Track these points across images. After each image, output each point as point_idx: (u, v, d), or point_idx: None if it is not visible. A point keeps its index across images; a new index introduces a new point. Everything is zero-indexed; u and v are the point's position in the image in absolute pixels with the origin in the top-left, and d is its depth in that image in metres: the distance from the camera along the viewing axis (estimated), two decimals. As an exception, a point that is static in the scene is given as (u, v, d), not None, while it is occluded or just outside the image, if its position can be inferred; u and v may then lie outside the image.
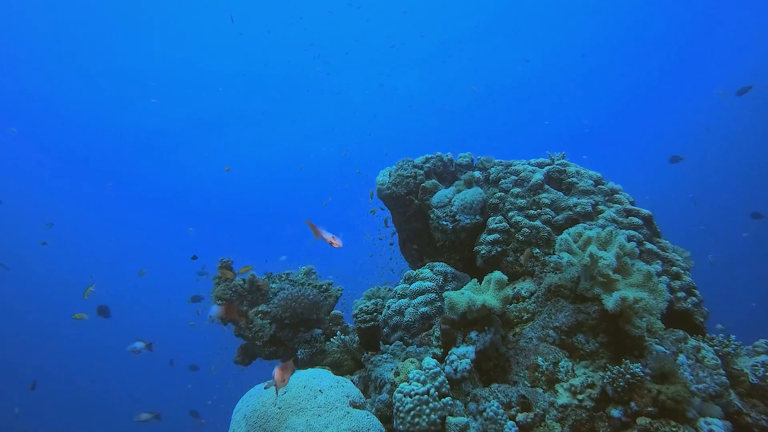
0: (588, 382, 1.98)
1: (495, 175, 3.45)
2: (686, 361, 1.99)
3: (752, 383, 2.05)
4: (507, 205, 3.22)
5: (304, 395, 2.02)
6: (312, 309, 3.24)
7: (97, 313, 5.97)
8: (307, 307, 3.22)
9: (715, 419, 1.72)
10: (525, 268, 2.96)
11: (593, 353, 2.08)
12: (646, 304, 2.01)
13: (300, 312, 3.20)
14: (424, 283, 2.92)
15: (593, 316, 2.12)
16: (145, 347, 3.85)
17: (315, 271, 3.78)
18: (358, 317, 3.15)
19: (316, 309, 3.27)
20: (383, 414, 2.11)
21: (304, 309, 3.21)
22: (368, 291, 3.38)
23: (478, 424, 1.96)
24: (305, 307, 3.21)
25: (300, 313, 3.20)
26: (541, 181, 3.25)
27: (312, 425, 1.85)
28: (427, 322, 2.76)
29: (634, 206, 3.12)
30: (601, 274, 2.11)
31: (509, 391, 2.03)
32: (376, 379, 2.35)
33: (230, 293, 3.38)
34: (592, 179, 3.28)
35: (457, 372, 2.14)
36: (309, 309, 3.23)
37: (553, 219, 3.08)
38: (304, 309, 3.21)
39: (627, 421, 1.78)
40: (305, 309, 3.21)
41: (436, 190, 3.58)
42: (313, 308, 3.24)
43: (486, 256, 3.09)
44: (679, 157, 10.03)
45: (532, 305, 2.54)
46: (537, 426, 1.92)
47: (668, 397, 1.70)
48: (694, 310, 2.66)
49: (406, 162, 3.80)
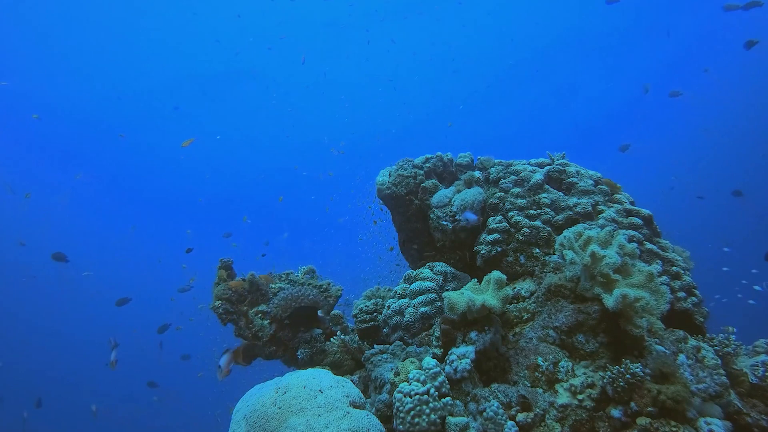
0: (588, 382, 1.98)
1: (495, 175, 3.45)
2: (686, 361, 1.99)
3: (752, 383, 2.05)
4: (507, 205, 3.22)
5: (304, 395, 2.01)
6: (312, 309, 3.24)
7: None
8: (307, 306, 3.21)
9: (715, 419, 1.72)
10: (525, 268, 2.96)
11: (593, 353, 2.08)
12: (646, 304, 2.01)
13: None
14: (424, 283, 2.92)
15: (593, 316, 2.12)
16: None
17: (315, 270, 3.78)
18: (358, 317, 3.15)
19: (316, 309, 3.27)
20: (383, 414, 2.11)
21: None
22: (368, 291, 3.38)
23: (478, 424, 1.96)
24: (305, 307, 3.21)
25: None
26: (541, 181, 3.25)
27: (312, 425, 1.85)
28: (427, 322, 2.76)
29: (634, 206, 3.13)
30: (602, 274, 2.11)
31: (509, 391, 2.03)
32: (376, 379, 2.35)
33: (230, 293, 3.38)
34: (592, 179, 3.28)
35: (457, 372, 2.14)
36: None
37: (553, 219, 3.08)
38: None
39: (627, 421, 1.78)
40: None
41: (436, 190, 3.58)
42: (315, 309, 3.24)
43: (486, 256, 3.09)
44: (627, 146, 10.80)
45: (532, 305, 2.54)
46: (537, 426, 1.92)
47: (668, 397, 1.70)
48: (694, 310, 2.67)
49: (406, 162, 3.80)
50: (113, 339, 3.96)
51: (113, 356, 3.88)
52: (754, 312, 9.75)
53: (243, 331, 3.32)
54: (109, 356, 3.94)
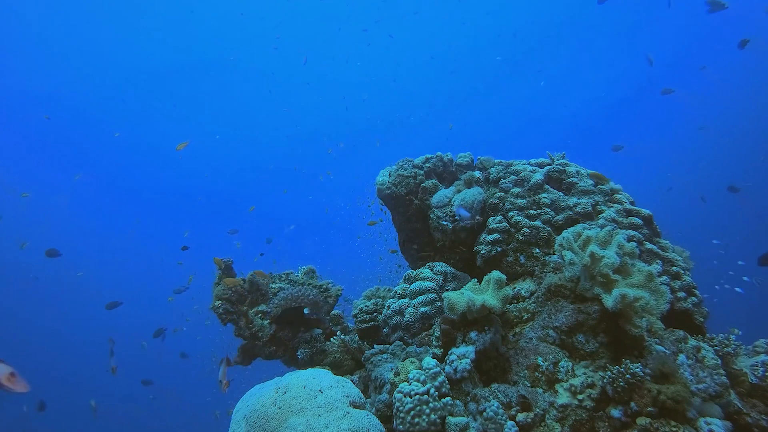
0: (588, 382, 1.98)
1: (495, 175, 3.45)
2: (686, 361, 1.99)
3: (752, 383, 2.05)
4: (507, 205, 3.22)
5: (304, 395, 2.01)
6: (312, 309, 3.24)
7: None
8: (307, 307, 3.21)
9: (715, 419, 1.72)
10: (525, 268, 2.96)
11: (593, 353, 2.08)
12: (646, 304, 2.01)
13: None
14: (424, 283, 2.92)
15: (593, 316, 2.12)
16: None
17: (315, 270, 3.78)
18: (358, 317, 3.15)
19: (317, 309, 3.27)
20: (383, 414, 2.11)
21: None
22: (368, 291, 3.38)
23: (478, 424, 1.96)
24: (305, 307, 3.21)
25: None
26: (541, 181, 3.25)
27: (312, 425, 1.85)
28: (427, 322, 2.76)
29: (634, 206, 3.12)
30: (602, 274, 2.11)
31: (509, 391, 2.03)
32: (376, 379, 2.35)
33: (230, 293, 3.38)
34: (592, 179, 3.28)
35: (457, 372, 2.14)
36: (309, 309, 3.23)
37: (553, 219, 3.08)
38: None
39: (627, 421, 1.78)
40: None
41: (436, 190, 3.58)
42: (313, 308, 3.24)
43: (486, 256, 3.09)
44: (620, 146, 10.85)
45: (532, 305, 2.54)
46: (537, 426, 1.92)
47: (668, 397, 1.70)
48: (694, 310, 2.67)
49: (406, 162, 3.80)
50: (112, 345, 3.95)
51: (112, 362, 3.88)
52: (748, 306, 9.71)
53: (243, 331, 3.33)
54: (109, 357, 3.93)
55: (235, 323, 3.34)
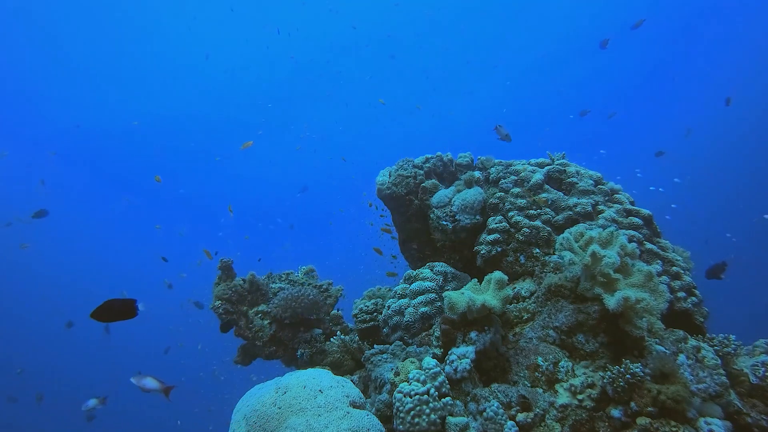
0: (588, 382, 1.98)
1: (495, 175, 3.45)
2: (686, 361, 1.99)
3: (752, 383, 2.05)
4: (507, 205, 3.22)
5: (304, 395, 2.01)
6: (312, 309, 3.24)
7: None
8: (307, 307, 3.22)
9: (715, 419, 1.72)
10: (525, 268, 2.96)
11: (593, 353, 2.08)
12: (647, 305, 2.01)
13: (300, 312, 3.20)
14: (424, 283, 2.92)
15: (593, 316, 2.12)
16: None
17: (315, 270, 3.78)
18: (358, 317, 3.15)
19: (317, 309, 3.27)
20: (383, 414, 2.11)
21: (304, 309, 3.21)
22: (368, 291, 3.39)
23: (478, 424, 1.96)
24: (305, 307, 3.21)
25: (300, 313, 3.20)
26: (541, 181, 3.25)
27: (312, 425, 1.85)
28: (427, 322, 2.76)
29: (634, 206, 3.13)
30: (602, 274, 2.11)
31: (509, 391, 2.03)
32: (376, 379, 2.35)
33: (230, 293, 3.38)
34: (592, 179, 3.28)
35: (457, 372, 2.14)
36: (309, 309, 3.23)
37: (553, 219, 3.08)
38: (304, 309, 3.21)
39: (627, 421, 1.78)
40: (305, 309, 3.21)
41: (436, 190, 3.58)
42: (313, 308, 3.25)
43: (486, 256, 3.09)
44: (662, 152, 10.92)
45: (532, 305, 2.54)
46: (537, 426, 1.92)
47: (668, 397, 1.70)
48: (694, 310, 2.67)
49: (406, 162, 3.80)
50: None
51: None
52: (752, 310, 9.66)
53: (243, 331, 3.33)
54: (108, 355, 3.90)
55: (235, 323, 3.35)
